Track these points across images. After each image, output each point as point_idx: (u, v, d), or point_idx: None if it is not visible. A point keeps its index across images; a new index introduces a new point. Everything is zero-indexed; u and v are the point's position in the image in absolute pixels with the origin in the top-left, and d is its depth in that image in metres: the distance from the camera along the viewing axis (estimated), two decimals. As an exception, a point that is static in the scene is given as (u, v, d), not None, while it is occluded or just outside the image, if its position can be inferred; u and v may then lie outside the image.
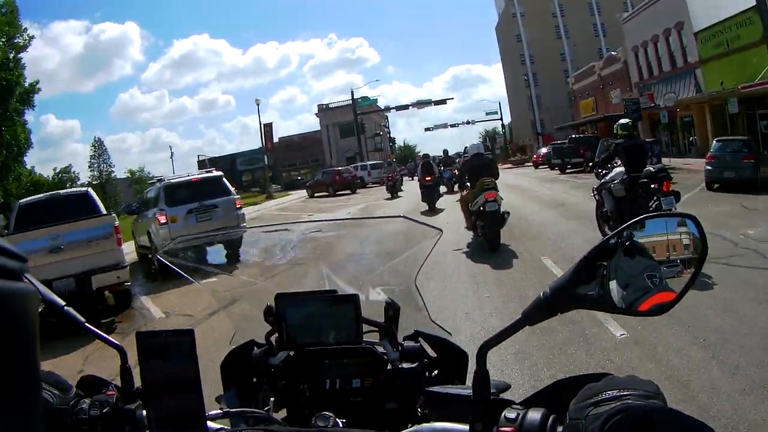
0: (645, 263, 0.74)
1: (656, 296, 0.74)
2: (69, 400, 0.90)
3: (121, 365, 0.95)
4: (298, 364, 1.20)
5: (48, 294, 0.90)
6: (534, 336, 4.46)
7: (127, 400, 0.93)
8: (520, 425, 0.74)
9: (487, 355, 0.80)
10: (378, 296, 1.38)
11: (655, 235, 0.76)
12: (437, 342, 1.23)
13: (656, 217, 0.77)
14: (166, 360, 0.82)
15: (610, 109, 36.87)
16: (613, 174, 7.61)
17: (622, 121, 7.92)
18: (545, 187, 19.81)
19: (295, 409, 1.19)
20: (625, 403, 0.64)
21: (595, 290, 0.74)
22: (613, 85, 36.55)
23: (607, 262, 0.74)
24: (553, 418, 0.74)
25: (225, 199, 10.94)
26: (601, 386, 0.70)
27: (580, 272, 0.74)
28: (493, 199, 8.27)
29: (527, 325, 0.78)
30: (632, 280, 0.74)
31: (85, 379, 1.00)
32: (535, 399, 0.82)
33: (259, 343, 1.26)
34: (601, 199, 7.84)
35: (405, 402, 1.13)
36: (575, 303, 0.75)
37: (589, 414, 0.66)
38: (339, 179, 32.09)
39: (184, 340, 0.81)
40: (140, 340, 0.82)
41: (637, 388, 0.68)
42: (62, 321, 0.92)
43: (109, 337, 0.97)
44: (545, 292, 0.76)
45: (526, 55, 64.92)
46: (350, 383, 1.18)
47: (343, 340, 1.17)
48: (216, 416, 0.94)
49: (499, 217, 8.38)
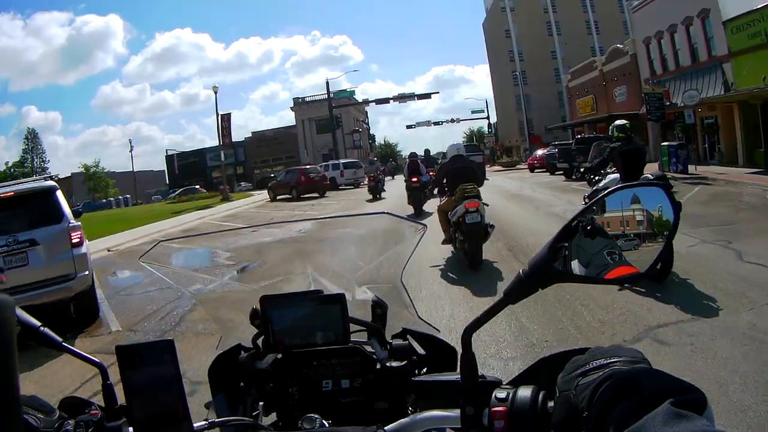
0: (604, 242, 0.78)
1: (617, 269, 0.78)
2: (53, 422, 0.89)
3: (103, 382, 0.95)
4: (286, 367, 1.19)
5: (23, 315, 0.91)
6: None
7: (111, 418, 0.91)
8: (512, 404, 0.75)
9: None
10: (365, 295, 1.37)
11: (624, 209, 0.77)
12: (425, 339, 1.22)
13: (623, 188, 0.78)
14: (148, 372, 0.81)
15: (612, 107, 33.51)
16: (608, 180, 7.10)
17: (619, 122, 7.13)
18: (560, 197, 15.90)
19: (285, 412, 1.17)
20: (612, 369, 0.66)
21: (561, 267, 0.77)
22: (618, 81, 33.14)
23: (568, 243, 0.78)
24: (543, 394, 0.75)
25: (50, 230, 6.18)
26: (587, 357, 0.71)
27: (553, 250, 0.77)
28: (474, 209, 7.04)
29: (510, 303, 0.79)
30: (592, 258, 0.78)
31: (67, 400, 0.98)
32: (523, 377, 0.82)
33: (246, 347, 1.24)
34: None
35: (395, 401, 1.12)
36: (552, 278, 0.77)
37: (579, 384, 0.67)
38: (304, 180, 27.25)
39: (164, 351, 0.80)
40: (120, 353, 0.81)
41: (622, 354, 0.69)
42: (39, 342, 0.92)
43: (88, 356, 0.97)
44: (524, 270, 0.78)
45: (515, 51, 61.62)
46: (339, 384, 1.16)
47: (330, 340, 1.14)
48: (202, 428, 0.91)
49: (481, 230, 7.14)
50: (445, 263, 7.61)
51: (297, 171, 28.46)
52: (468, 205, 7.02)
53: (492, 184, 19.77)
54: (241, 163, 63.38)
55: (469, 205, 7.02)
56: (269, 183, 30.15)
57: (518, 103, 61.28)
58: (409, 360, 1.14)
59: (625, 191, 0.78)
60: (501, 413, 0.75)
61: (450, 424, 0.84)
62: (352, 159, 40.14)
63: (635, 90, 30.95)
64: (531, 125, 59.50)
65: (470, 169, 7.93)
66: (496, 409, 0.75)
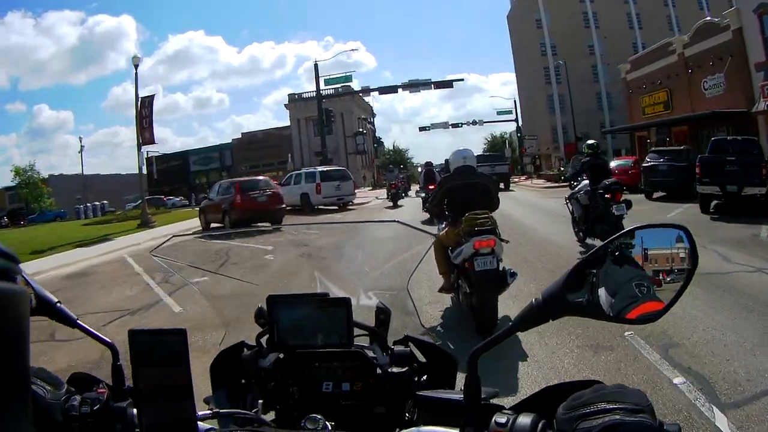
0: (633, 272, 0.77)
1: (644, 305, 0.76)
2: (60, 396, 0.90)
3: (113, 363, 0.96)
4: (287, 366, 1.20)
5: (41, 290, 0.92)
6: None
7: (118, 398, 0.93)
8: (510, 430, 0.75)
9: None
10: (369, 300, 1.39)
11: (648, 246, 0.77)
12: (427, 347, 1.23)
13: (648, 228, 0.78)
14: (158, 358, 0.80)
15: (700, 104, 24.71)
16: (580, 186, 9.20)
17: (589, 141, 9.54)
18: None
19: (284, 411, 1.18)
20: (614, 420, 0.65)
21: (585, 297, 0.76)
22: (709, 69, 24.36)
23: (596, 270, 0.77)
24: (543, 424, 0.75)
25: None
26: (590, 396, 0.70)
27: (571, 280, 0.76)
28: (488, 250, 4.77)
29: (519, 330, 0.79)
30: (620, 289, 0.76)
31: (76, 375, 0.99)
32: (525, 404, 0.82)
33: (249, 345, 1.25)
34: (572, 207, 9.42)
35: (393, 406, 1.13)
36: (566, 310, 0.77)
37: (578, 427, 0.67)
38: (243, 203, 15.96)
39: (176, 339, 0.80)
40: (132, 338, 0.81)
41: (626, 400, 0.68)
42: (55, 318, 0.93)
43: (100, 335, 0.98)
44: (537, 299, 0.78)
45: (546, 44, 52.99)
46: (340, 386, 1.18)
47: (333, 343, 1.15)
48: (206, 416, 0.93)
49: (496, 280, 4.89)
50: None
51: (231, 186, 17.22)
52: (478, 245, 4.76)
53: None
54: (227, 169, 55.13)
55: (480, 244, 4.77)
56: (202, 202, 19.63)
57: (550, 104, 52.62)
58: (410, 367, 1.15)
59: (647, 231, 0.78)
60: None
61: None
62: (335, 166, 27.94)
63: (739, 80, 22.24)
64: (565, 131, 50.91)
65: (482, 187, 5.51)
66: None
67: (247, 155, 53.35)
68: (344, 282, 1.53)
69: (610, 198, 8.27)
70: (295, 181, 23.47)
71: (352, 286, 1.47)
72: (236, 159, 54.87)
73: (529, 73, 55.44)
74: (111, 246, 15.28)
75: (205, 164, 57.22)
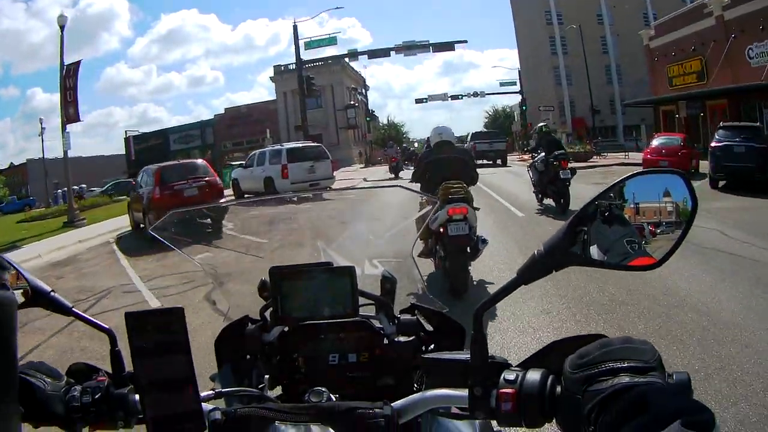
0: (624, 229, 0.76)
1: (636, 261, 0.76)
2: (60, 387, 0.89)
3: (111, 349, 0.94)
4: (293, 340, 1.19)
5: (34, 280, 0.92)
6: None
7: (118, 385, 0.91)
8: (520, 386, 0.74)
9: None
10: (374, 269, 1.37)
11: (641, 197, 0.76)
12: (434, 315, 1.21)
13: (642, 175, 0.76)
14: (157, 339, 0.78)
15: (743, 74, 21.48)
16: (538, 157, 11.04)
17: (541, 124, 12.38)
18: None
19: (291, 385, 1.17)
20: (621, 383, 0.64)
21: (580, 251, 0.76)
22: (755, 34, 21.01)
23: (587, 227, 0.76)
24: (552, 378, 0.74)
25: None
26: (596, 355, 0.69)
27: (570, 233, 0.75)
28: (460, 216, 5.27)
29: (523, 284, 0.79)
30: (612, 245, 0.76)
31: (75, 366, 0.96)
32: (533, 361, 0.81)
33: (253, 319, 1.23)
34: (531, 174, 11.36)
35: (401, 376, 1.13)
36: (568, 260, 0.76)
37: (587, 390, 0.66)
38: (162, 198, 11.70)
39: (174, 319, 0.78)
40: (129, 320, 0.78)
41: (633, 357, 0.67)
42: (50, 307, 0.94)
43: (97, 321, 0.97)
44: (539, 250, 0.76)
45: (552, 11, 49.04)
46: (346, 358, 1.16)
47: (339, 313, 1.13)
48: (209, 397, 0.91)
49: (467, 245, 5.41)
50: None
51: (152, 173, 12.73)
52: (451, 211, 5.23)
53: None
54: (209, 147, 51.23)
55: (453, 211, 5.24)
56: (130, 193, 15.53)
57: (557, 77, 49.06)
58: (417, 336, 1.14)
59: (643, 177, 0.76)
60: (509, 395, 0.74)
61: (457, 403, 0.82)
62: (308, 142, 21.75)
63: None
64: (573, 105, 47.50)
65: (459, 161, 6.08)
66: (505, 391, 0.75)
67: (231, 132, 49.36)
68: (348, 251, 1.52)
69: (558, 164, 10.20)
70: (258, 161, 18.71)
71: (356, 255, 1.44)
72: (218, 136, 50.75)
73: (534, 44, 51.66)
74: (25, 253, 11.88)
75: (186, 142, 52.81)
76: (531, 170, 11.36)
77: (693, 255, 6.27)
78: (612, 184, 0.76)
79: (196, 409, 0.79)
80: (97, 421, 0.87)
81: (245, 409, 0.85)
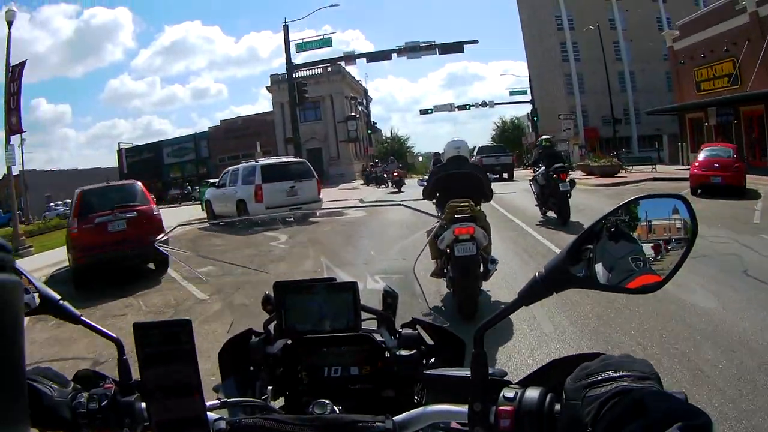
0: (630, 247, 0.77)
1: (641, 278, 0.77)
2: (67, 393, 0.90)
3: (118, 357, 0.97)
4: (296, 352, 1.21)
5: (43, 288, 0.93)
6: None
7: (125, 393, 0.92)
8: (519, 404, 0.75)
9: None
10: (376, 284, 1.39)
11: (646, 218, 0.78)
12: (435, 330, 1.23)
13: (646, 198, 0.78)
14: (165, 350, 0.79)
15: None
16: (539, 171, 11.32)
17: (544, 137, 12.65)
18: None
19: (293, 397, 1.19)
20: (620, 386, 0.66)
21: (584, 272, 0.77)
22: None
23: (592, 246, 0.77)
24: (551, 397, 0.75)
25: None
26: (596, 366, 0.71)
27: (572, 254, 0.77)
28: (467, 236, 5.06)
29: (524, 305, 0.80)
30: (617, 263, 0.77)
31: (81, 373, 0.99)
32: (532, 378, 0.83)
33: (257, 332, 1.26)
34: (533, 187, 11.71)
35: (402, 389, 1.14)
36: (569, 282, 0.77)
37: (586, 396, 0.67)
38: (80, 234, 8.91)
39: (181, 330, 0.79)
40: (137, 331, 0.80)
41: (632, 368, 0.69)
42: (59, 315, 0.95)
43: (105, 330, 0.98)
44: (540, 272, 0.78)
45: (563, 16, 46.82)
46: (348, 371, 1.19)
47: (341, 327, 1.16)
48: (214, 406, 0.93)
49: (474, 266, 5.20)
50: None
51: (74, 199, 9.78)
52: (458, 231, 5.05)
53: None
54: (203, 161, 49.15)
55: (460, 231, 5.05)
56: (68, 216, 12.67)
57: (568, 85, 46.66)
58: (418, 350, 1.15)
59: (647, 201, 0.78)
60: (508, 412, 0.75)
61: (457, 418, 0.84)
62: (288, 158, 18.77)
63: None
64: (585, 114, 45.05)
65: (471, 177, 5.82)
66: (503, 408, 0.76)
67: (227, 144, 47.13)
68: (351, 266, 1.55)
69: (557, 177, 10.61)
70: (230, 180, 15.74)
71: (358, 271, 1.49)
72: (213, 149, 48.74)
73: (543, 51, 49.36)
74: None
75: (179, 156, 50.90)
76: (533, 184, 11.72)
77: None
78: (615, 208, 0.76)
79: (201, 418, 0.79)
80: (104, 427, 0.87)
81: (250, 420, 0.85)
